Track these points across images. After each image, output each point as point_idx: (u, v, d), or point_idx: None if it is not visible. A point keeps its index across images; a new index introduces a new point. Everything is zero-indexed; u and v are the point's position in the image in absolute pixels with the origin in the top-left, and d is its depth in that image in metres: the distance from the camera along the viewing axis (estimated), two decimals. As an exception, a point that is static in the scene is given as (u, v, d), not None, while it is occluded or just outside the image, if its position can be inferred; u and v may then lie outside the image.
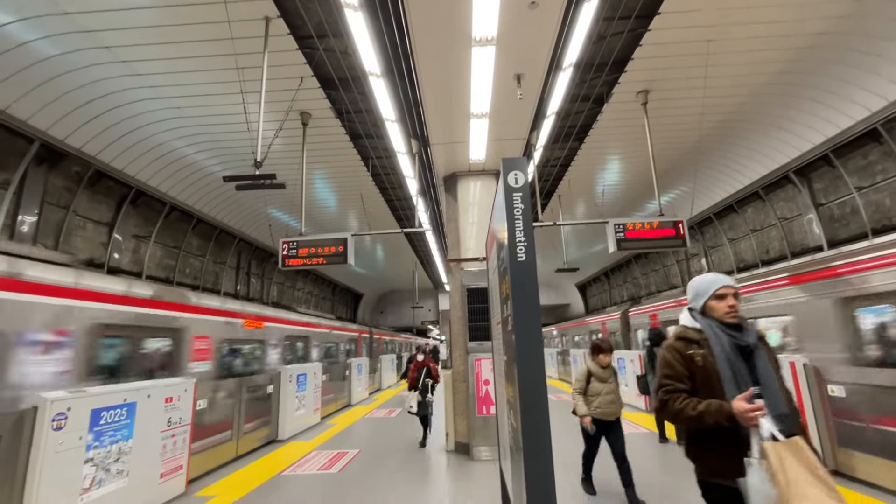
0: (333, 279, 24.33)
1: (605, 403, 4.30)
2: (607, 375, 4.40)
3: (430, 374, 7.31)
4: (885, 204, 8.08)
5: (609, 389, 4.34)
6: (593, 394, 4.35)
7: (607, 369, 4.43)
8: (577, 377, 4.48)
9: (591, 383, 4.38)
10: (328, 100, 7.92)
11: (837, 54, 7.01)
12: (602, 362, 4.41)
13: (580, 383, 4.44)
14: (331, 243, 7.22)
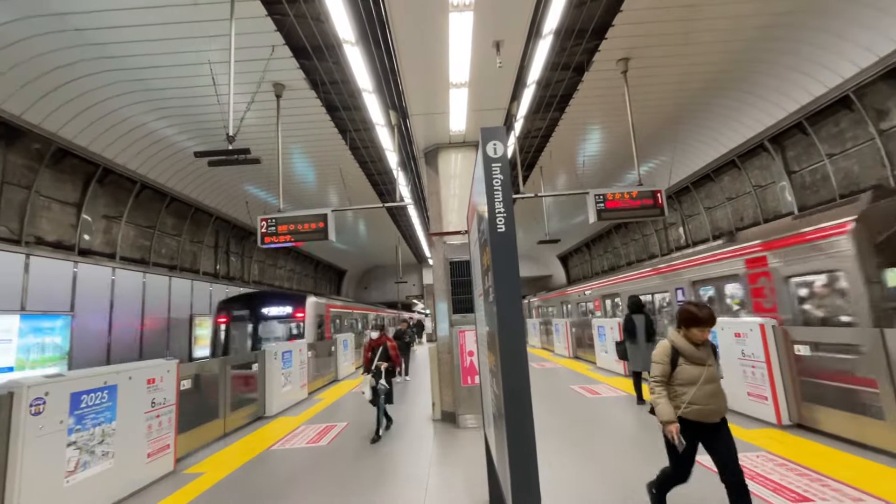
0: (316, 256, 24.12)
1: (703, 397, 2.86)
2: (704, 355, 2.97)
3: (386, 354, 6.00)
4: (853, 171, 8.32)
5: (709, 376, 2.91)
6: (683, 382, 2.93)
7: (703, 347, 3.01)
8: (657, 358, 3.06)
9: (680, 367, 2.97)
10: (302, 70, 7.64)
11: (813, 20, 7.03)
12: (696, 337, 2.99)
13: (661, 367, 3.01)
14: (311, 219, 7.11)
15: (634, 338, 6.81)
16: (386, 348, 6.02)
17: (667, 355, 3.01)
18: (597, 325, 11.17)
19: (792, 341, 5.25)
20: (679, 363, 2.98)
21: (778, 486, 3.56)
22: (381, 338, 6.13)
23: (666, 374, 2.99)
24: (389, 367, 5.98)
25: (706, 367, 2.95)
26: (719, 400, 2.91)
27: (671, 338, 3.08)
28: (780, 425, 5.17)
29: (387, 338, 6.17)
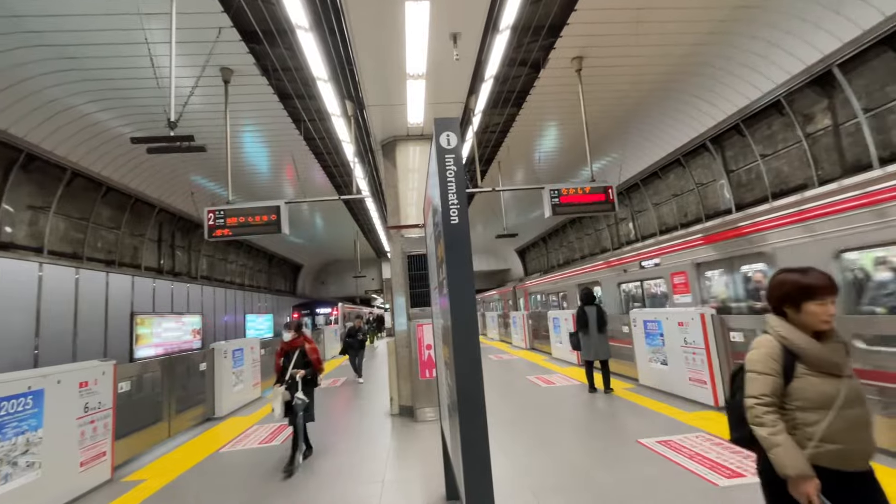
0: (269, 250, 23.27)
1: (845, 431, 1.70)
2: (838, 358, 1.77)
3: (303, 360, 4.86)
4: (783, 170, 8.99)
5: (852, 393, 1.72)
6: (809, 405, 1.74)
7: (832, 341, 1.78)
8: (757, 365, 1.82)
9: (800, 378, 1.76)
10: (252, 55, 7.29)
11: (750, 28, 7.50)
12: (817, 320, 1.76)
13: (767, 381, 1.78)
14: (262, 212, 6.83)
15: (587, 328, 7.05)
16: (303, 352, 4.87)
17: (775, 360, 1.76)
18: (552, 317, 11.50)
19: (728, 329, 5.63)
20: (797, 373, 1.74)
21: (714, 463, 3.81)
22: (295, 339, 4.95)
23: (777, 392, 1.74)
24: (308, 374, 4.83)
25: (843, 378, 1.72)
26: (868, 433, 1.72)
27: (776, 328, 1.83)
28: (717, 406, 5.54)
29: (305, 338, 5.01)
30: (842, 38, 6.79)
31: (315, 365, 4.90)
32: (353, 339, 10.63)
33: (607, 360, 7.05)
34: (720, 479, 3.48)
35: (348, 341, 10.65)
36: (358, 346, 10.54)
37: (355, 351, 10.49)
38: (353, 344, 10.55)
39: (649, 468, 3.86)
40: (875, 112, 6.99)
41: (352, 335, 10.69)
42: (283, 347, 4.98)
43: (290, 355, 4.87)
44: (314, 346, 4.99)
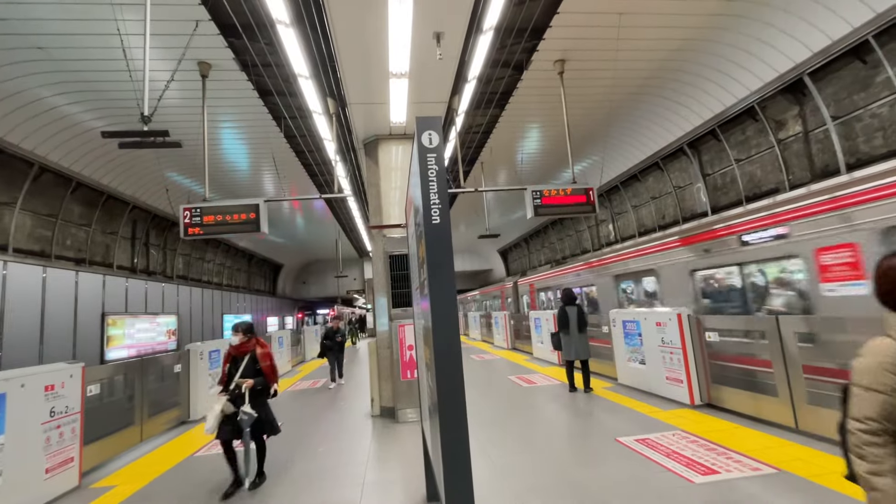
0: (249, 249, 22.84)
1: None
2: None
3: (254, 368, 4.19)
4: (756, 175, 9.26)
5: None
6: None
7: None
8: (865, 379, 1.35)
9: None
10: (231, 49, 7.14)
11: (725, 36, 7.70)
12: None
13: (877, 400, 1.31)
14: (241, 210, 6.67)
15: (568, 329, 7.13)
16: (254, 358, 4.20)
17: (890, 372, 1.32)
18: (534, 318, 11.58)
19: (704, 329, 5.76)
20: None
21: (690, 460, 3.88)
22: (244, 343, 4.24)
23: (890, 416, 1.31)
24: (258, 384, 4.10)
25: None
26: None
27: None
28: (692, 405, 5.66)
29: (258, 342, 4.32)
30: (812, 47, 7.02)
31: (267, 374, 4.20)
32: (332, 340, 9.86)
33: (587, 359, 7.14)
34: (696, 477, 3.55)
35: (326, 343, 9.85)
36: (337, 348, 9.83)
37: (334, 354, 9.80)
38: (331, 346, 9.82)
39: (628, 466, 3.91)
40: (843, 120, 7.26)
41: (329, 337, 9.90)
42: (230, 352, 4.27)
43: (239, 362, 4.21)
44: (267, 352, 4.31)
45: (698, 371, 5.75)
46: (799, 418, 4.43)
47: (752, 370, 5.15)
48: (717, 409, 5.49)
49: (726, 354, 5.58)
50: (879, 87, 6.68)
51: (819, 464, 3.63)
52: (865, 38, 6.43)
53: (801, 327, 4.51)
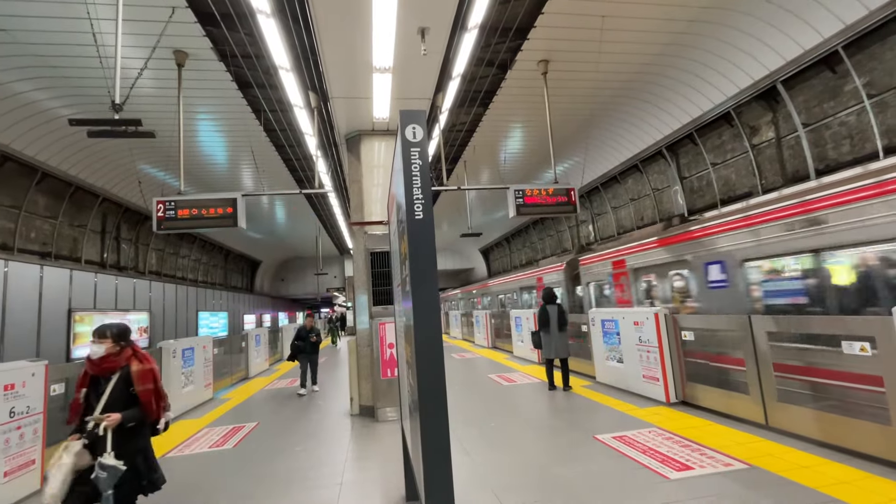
0: (226, 245, 22.32)
1: None
2: None
3: (124, 393, 2.65)
4: (731, 178, 9.52)
5: None
6: None
7: None
8: None
9: None
10: (209, 38, 6.93)
11: (703, 42, 7.87)
12: None
13: None
14: (217, 204, 6.49)
15: (548, 327, 7.18)
16: (127, 378, 2.67)
17: None
18: (514, 316, 11.65)
19: (680, 328, 5.88)
20: None
21: (665, 457, 3.95)
22: (112, 357, 2.68)
23: None
24: (130, 419, 2.61)
25: None
26: None
27: None
28: (668, 403, 5.77)
29: (135, 353, 2.78)
30: (786, 56, 7.25)
31: (145, 403, 2.67)
32: (304, 341, 8.64)
33: (567, 358, 7.21)
34: (671, 472, 3.62)
35: (297, 344, 8.64)
36: (310, 349, 8.66)
37: (307, 356, 8.65)
38: (303, 347, 8.63)
39: (605, 463, 3.96)
40: (813, 127, 7.52)
41: (301, 337, 8.68)
42: (87, 371, 2.70)
43: (102, 385, 2.65)
44: (149, 369, 2.74)
45: (674, 369, 5.87)
46: (769, 415, 4.56)
47: (726, 368, 5.28)
48: (692, 406, 5.61)
49: (701, 353, 5.71)
50: (847, 97, 6.94)
51: (788, 459, 3.74)
52: (835, 48, 6.66)
53: (772, 326, 4.65)
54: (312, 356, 8.67)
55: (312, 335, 8.70)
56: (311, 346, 8.66)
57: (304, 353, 8.60)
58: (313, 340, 8.72)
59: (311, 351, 8.64)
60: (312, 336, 8.70)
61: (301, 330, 8.81)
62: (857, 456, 3.66)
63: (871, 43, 6.42)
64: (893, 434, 3.42)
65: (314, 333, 8.76)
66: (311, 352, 8.64)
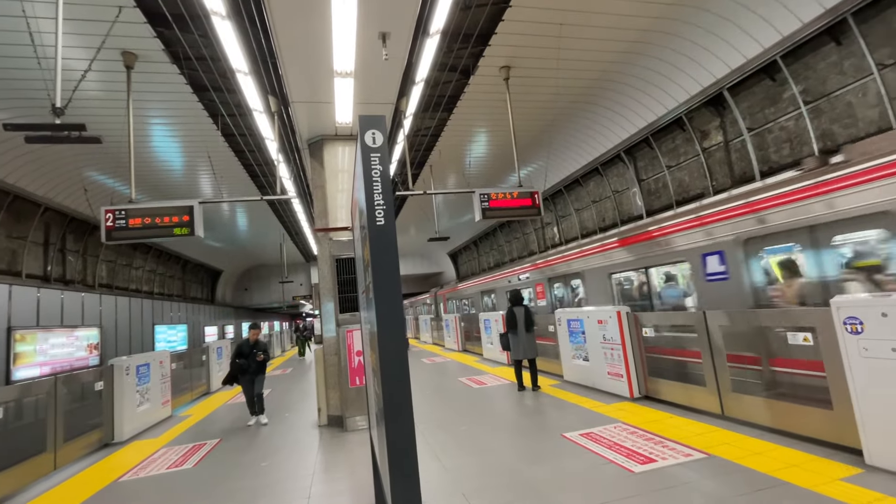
0: (184, 254, 21.39)
1: None
2: None
3: None
4: (685, 181, 9.97)
5: None
6: None
7: None
8: None
9: None
10: (160, 40, 6.65)
11: (656, 50, 8.23)
12: None
13: None
14: (172, 212, 6.22)
15: (516, 329, 7.28)
16: None
17: None
18: (483, 319, 11.74)
19: (641, 325, 6.09)
20: None
21: (630, 451, 4.07)
22: None
23: None
24: None
25: None
26: None
27: None
28: (632, 398, 5.96)
29: None
30: (730, 64, 7.68)
31: None
32: (247, 359, 6.91)
33: (535, 358, 7.32)
34: (635, 466, 3.73)
35: (239, 363, 6.92)
36: (255, 369, 6.95)
37: (251, 377, 6.94)
38: (246, 367, 6.90)
39: (573, 460, 4.04)
40: (756, 131, 7.99)
41: (243, 354, 6.94)
42: None
43: None
44: None
45: (636, 365, 6.07)
46: (725, 405, 4.79)
47: (684, 362, 5.51)
48: (655, 400, 5.82)
49: (661, 348, 5.94)
50: (786, 103, 7.43)
51: (742, 446, 3.93)
52: (774, 58, 7.12)
53: (724, 320, 4.89)
54: (257, 377, 7.01)
55: (258, 352, 6.97)
56: (257, 367, 6.98)
57: (247, 374, 6.96)
58: (260, 360, 6.99)
59: (256, 370, 6.98)
60: (259, 354, 6.96)
61: (243, 346, 7.09)
62: (805, 440, 3.90)
63: (806, 53, 6.90)
64: (835, 417, 3.67)
65: (260, 350, 7.02)
66: (255, 372, 6.98)
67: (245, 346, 7.07)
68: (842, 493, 2.95)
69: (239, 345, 7.18)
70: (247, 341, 7.15)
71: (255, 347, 7.01)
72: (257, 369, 6.99)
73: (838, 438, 3.64)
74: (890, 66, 6.01)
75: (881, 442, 3.25)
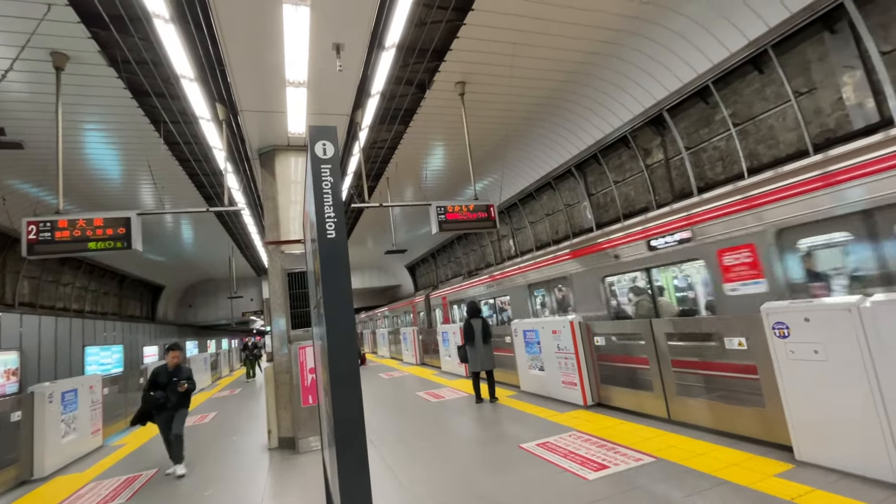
0: (121, 270, 19.91)
1: None
2: None
3: None
4: (631, 195, 10.51)
5: None
6: None
7: None
8: None
9: None
10: (95, 41, 6.24)
11: (602, 72, 8.69)
12: None
13: None
14: (106, 224, 5.77)
15: (473, 341, 7.30)
16: None
17: None
18: (441, 331, 11.70)
19: (593, 334, 6.28)
20: None
21: (584, 458, 4.16)
22: None
23: None
24: None
25: None
26: None
27: None
28: (586, 406, 6.11)
29: None
30: (669, 87, 8.24)
31: None
32: (164, 391, 5.38)
33: (492, 370, 7.36)
34: (589, 473, 3.81)
35: (152, 397, 5.38)
36: (177, 403, 5.44)
37: (169, 414, 5.40)
38: (161, 401, 5.36)
39: (529, 471, 4.06)
40: (693, 150, 8.58)
41: (158, 384, 5.42)
42: None
43: None
44: None
45: (589, 373, 6.24)
46: (671, 409, 5.01)
47: (634, 368, 5.73)
48: (607, 407, 5.99)
49: (611, 356, 6.15)
50: (718, 125, 8.04)
51: (688, 448, 4.12)
52: (706, 83, 7.71)
53: (669, 328, 5.14)
54: (179, 413, 5.44)
55: (180, 381, 5.41)
56: (178, 399, 5.45)
57: (163, 410, 5.39)
58: (182, 390, 5.43)
59: (177, 405, 5.45)
60: (181, 383, 5.40)
61: (159, 373, 5.50)
62: (744, 440, 4.14)
63: (734, 80, 7.53)
64: (768, 417, 3.92)
65: (183, 378, 5.47)
66: (177, 406, 5.45)
67: (162, 373, 5.50)
68: (775, 489, 3.14)
69: (154, 371, 5.58)
70: (164, 367, 5.57)
71: (176, 375, 5.47)
72: (178, 403, 5.47)
73: (772, 437, 3.89)
74: (805, 93, 6.67)
75: (808, 438, 3.50)
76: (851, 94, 6.12)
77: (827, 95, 6.43)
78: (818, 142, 6.59)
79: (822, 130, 6.57)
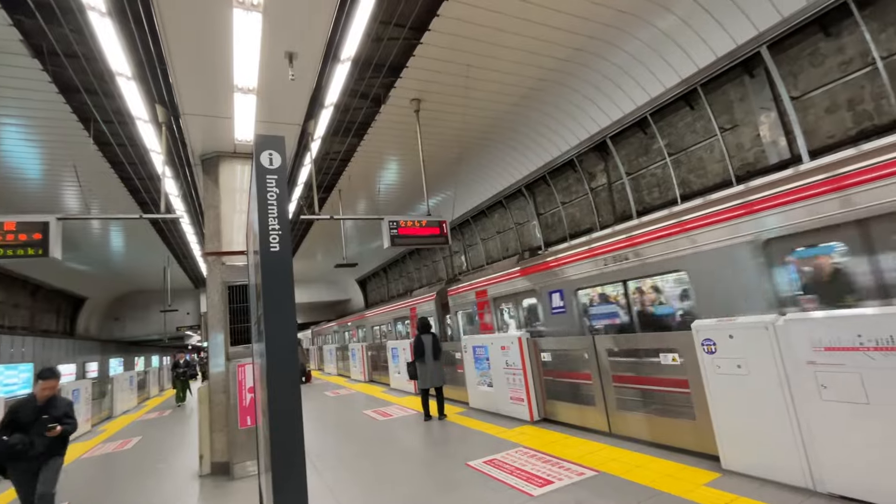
0: (33, 279, 18.00)
1: None
2: None
3: None
4: (576, 216, 11.00)
5: None
6: None
7: None
8: None
9: None
10: (17, 29, 5.73)
11: (551, 98, 9.13)
12: None
13: None
14: (19, 229, 5.23)
15: (423, 357, 7.23)
16: None
17: None
18: (391, 347, 11.50)
19: (539, 350, 6.42)
20: None
21: (530, 475, 4.19)
22: None
23: None
24: None
25: None
26: None
27: None
28: (532, 421, 6.19)
29: None
30: (611, 116, 8.78)
31: None
32: (27, 434, 3.83)
33: (442, 386, 7.31)
34: (534, 489, 3.84)
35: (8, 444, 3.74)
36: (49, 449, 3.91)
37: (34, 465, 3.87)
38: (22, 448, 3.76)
39: (476, 489, 4.04)
40: (633, 176, 9.16)
41: (19, 425, 3.86)
42: None
43: None
44: None
45: (536, 389, 6.35)
46: (612, 423, 5.19)
47: (577, 384, 5.90)
48: (553, 422, 6.11)
49: (557, 371, 6.31)
50: (655, 154, 8.65)
51: (627, 461, 4.27)
52: (645, 115, 8.31)
53: (610, 344, 5.37)
54: (49, 465, 3.93)
55: (53, 416, 3.96)
56: (49, 445, 3.92)
57: (28, 458, 3.84)
58: (55, 433, 3.89)
59: (47, 453, 3.93)
60: (51, 426, 3.87)
61: (21, 409, 3.94)
62: (678, 451, 4.35)
63: (669, 113, 8.16)
64: (698, 429, 4.16)
65: (59, 413, 4.02)
66: (47, 455, 3.93)
67: (26, 409, 3.93)
68: (704, 498, 3.32)
69: (12, 408, 3.96)
70: (30, 401, 4.01)
71: (47, 411, 3.95)
72: (49, 450, 3.94)
73: (703, 448, 4.12)
74: (729, 129, 7.35)
75: (732, 448, 3.75)
76: (767, 132, 6.82)
77: (747, 132, 7.12)
78: (740, 174, 7.25)
79: (742, 164, 7.25)
